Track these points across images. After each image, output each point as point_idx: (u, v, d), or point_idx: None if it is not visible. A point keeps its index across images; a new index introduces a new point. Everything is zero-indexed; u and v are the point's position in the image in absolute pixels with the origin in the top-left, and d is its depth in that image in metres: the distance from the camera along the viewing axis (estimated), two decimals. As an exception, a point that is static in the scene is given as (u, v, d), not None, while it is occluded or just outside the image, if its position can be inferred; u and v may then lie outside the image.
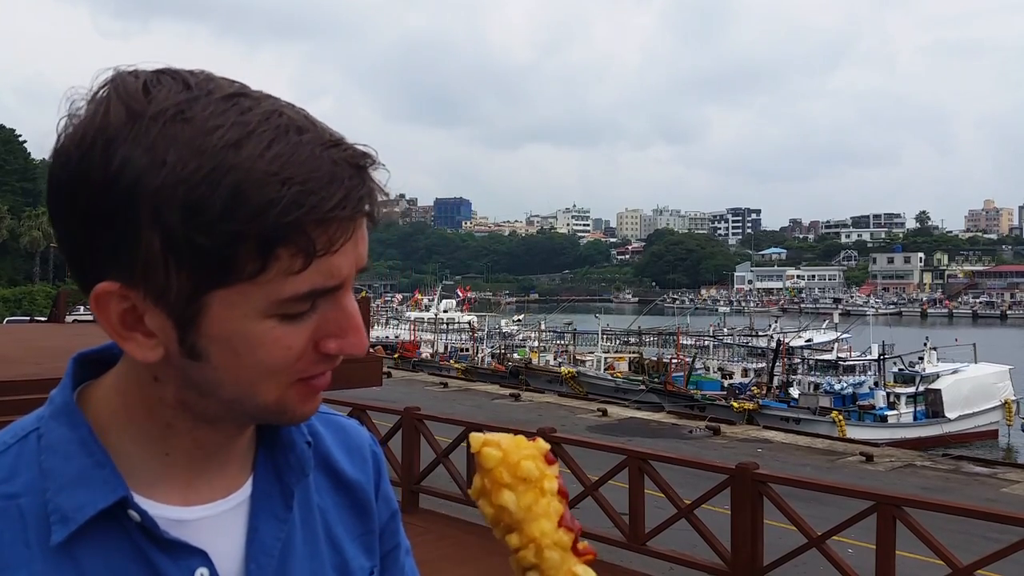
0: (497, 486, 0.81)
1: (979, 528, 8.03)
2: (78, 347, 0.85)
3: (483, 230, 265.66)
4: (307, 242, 0.68)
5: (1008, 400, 30.07)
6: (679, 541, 7.77)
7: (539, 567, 0.81)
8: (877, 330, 37.98)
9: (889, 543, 6.04)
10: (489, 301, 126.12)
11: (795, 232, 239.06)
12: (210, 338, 0.72)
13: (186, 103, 0.69)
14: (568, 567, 0.81)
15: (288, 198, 0.67)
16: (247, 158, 0.67)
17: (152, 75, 0.71)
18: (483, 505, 0.82)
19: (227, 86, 0.72)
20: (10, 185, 74.67)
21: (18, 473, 0.76)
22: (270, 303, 0.70)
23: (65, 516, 0.73)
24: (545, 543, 0.80)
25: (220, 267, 0.68)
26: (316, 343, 0.75)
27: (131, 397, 0.78)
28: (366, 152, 0.72)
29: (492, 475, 0.81)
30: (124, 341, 0.73)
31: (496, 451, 0.81)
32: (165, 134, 0.68)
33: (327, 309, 0.74)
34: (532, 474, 0.81)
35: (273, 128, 0.69)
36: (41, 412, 0.80)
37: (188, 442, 0.80)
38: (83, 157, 0.69)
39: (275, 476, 0.86)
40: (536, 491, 0.81)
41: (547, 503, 0.81)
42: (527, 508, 0.80)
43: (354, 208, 0.70)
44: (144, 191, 0.67)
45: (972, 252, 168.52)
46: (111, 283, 0.71)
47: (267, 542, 0.83)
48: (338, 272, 0.72)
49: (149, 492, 0.78)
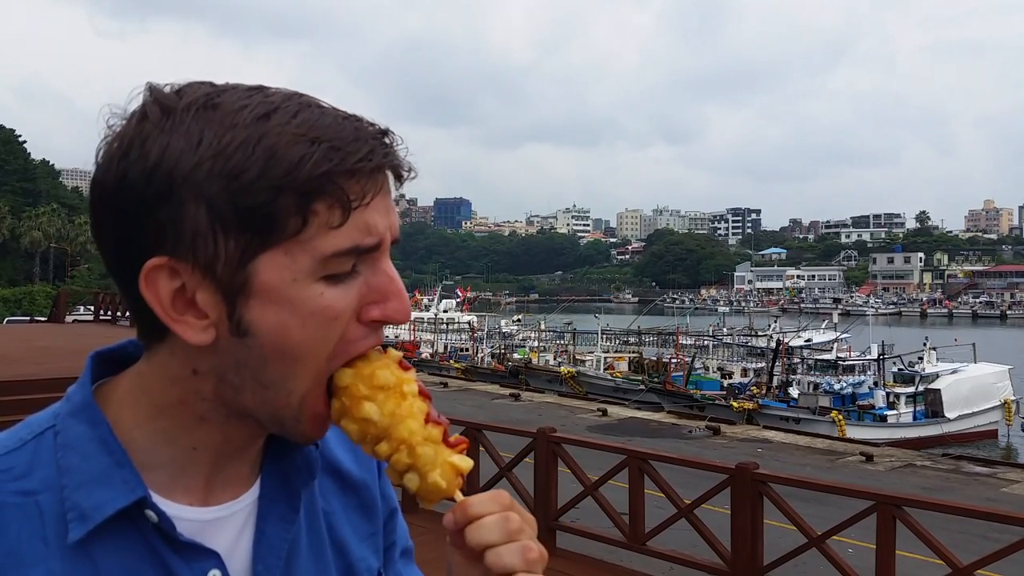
0: (356, 400, 0.78)
1: (979, 528, 8.04)
2: (78, 347, 0.86)
3: (483, 230, 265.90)
4: (341, 193, 0.73)
5: (1007, 400, 30.09)
6: (679, 541, 7.76)
7: (414, 465, 0.78)
8: (876, 330, 38.03)
9: (889, 543, 6.04)
10: (489, 301, 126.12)
11: (795, 232, 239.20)
12: (260, 308, 0.74)
13: (215, 93, 0.75)
14: (443, 458, 0.79)
15: (319, 153, 0.72)
16: (276, 124, 0.73)
17: (183, 83, 0.77)
18: (346, 424, 0.79)
19: (248, 84, 0.78)
20: (10, 185, 74.71)
21: (36, 470, 0.76)
22: (315, 261, 0.73)
23: (83, 514, 0.74)
24: (416, 440, 0.78)
25: (264, 226, 0.72)
26: (359, 313, 0.76)
27: (159, 393, 0.79)
28: (384, 127, 0.78)
29: (349, 392, 0.78)
30: (176, 323, 0.74)
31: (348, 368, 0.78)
32: (198, 118, 0.73)
33: (368, 275, 0.77)
34: (389, 381, 0.79)
35: (296, 103, 0.75)
36: (57, 409, 0.80)
37: (218, 436, 0.80)
38: (122, 158, 0.73)
39: (282, 478, 0.87)
40: (397, 396, 0.79)
41: (410, 404, 0.79)
42: (391, 414, 0.78)
43: (380, 160, 0.75)
44: (183, 171, 0.71)
45: (972, 252, 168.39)
46: (159, 257, 0.73)
47: (275, 544, 0.84)
48: (375, 229, 0.75)
49: (168, 492, 0.79)
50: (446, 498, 0.80)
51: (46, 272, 67.83)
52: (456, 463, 0.80)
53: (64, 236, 69.21)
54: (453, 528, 0.77)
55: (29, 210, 69.86)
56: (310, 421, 0.79)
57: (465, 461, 0.81)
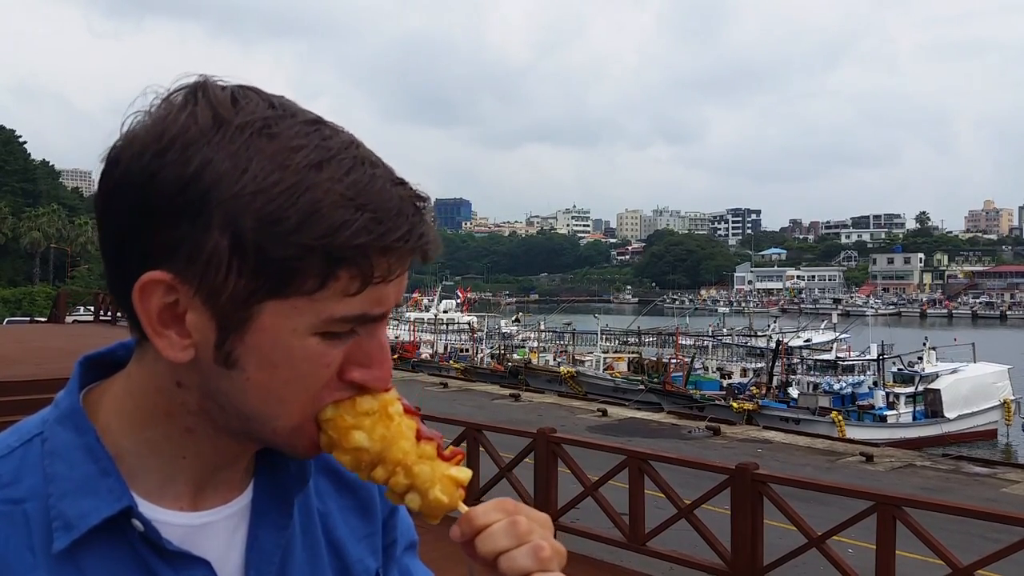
0: (343, 431, 0.77)
1: (979, 528, 8.03)
2: (78, 348, 0.85)
3: (483, 231, 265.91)
4: (368, 267, 0.72)
5: (1007, 400, 30.09)
6: (679, 541, 7.76)
7: (413, 485, 0.78)
8: (876, 330, 38.06)
9: (889, 543, 6.04)
10: (489, 302, 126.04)
11: (795, 232, 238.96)
12: (251, 347, 0.72)
13: (273, 119, 0.72)
14: (441, 473, 0.78)
15: (360, 223, 0.70)
16: (327, 179, 0.70)
17: (239, 88, 0.74)
18: (338, 456, 0.78)
19: (308, 113, 0.75)
20: (10, 185, 74.71)
21: (23, 478, 0.75)
22: (320, 321, 0.72)
23: (68, 523, 0.73)
24: (411, 460, 0.78)
25: (282, 278, 0.70)
26: (341, 369, 0.75)
27: (146, 401, 0.78)
28: (425, 195, 0.76)
29: (334, 423, 0.77)
30: (157, 337, 0.73)
31: (329, 405, 0.77)
32: (250, 144, 0.70)
33: (363, 338, 0.76)
34: (373, 406, 0.78)
35: (351, 157, 0.72)
36: (46, 415, 0.79)
37: (207, 447, 0.79)
38: (160, 153, 0.70)
39: (275, 484, 0.86)
40: (384, 419, 0.78)
41: (399, 424, 0.79)
42: (381, 438, 0.77)
43: (415, 243, 0.74)
44: (223, 194, 0.69)
45: (972, 252, 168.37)
46: (163, 272, 0.71)
47: (267, 549, 0.83)
48: (386, 301, 0.75)
49: (156, 498, 0.78)
50: (450, 512, 0.80)
51: (46, 272, 67.80)
52: (455, 475, 0.79)
53: (64, 237, 69.19)
54: (461, 540, 0.77)
55: (29, 210, 69.80)
56: (304, 449, 0.79)
57: (463, 472, 0.80)
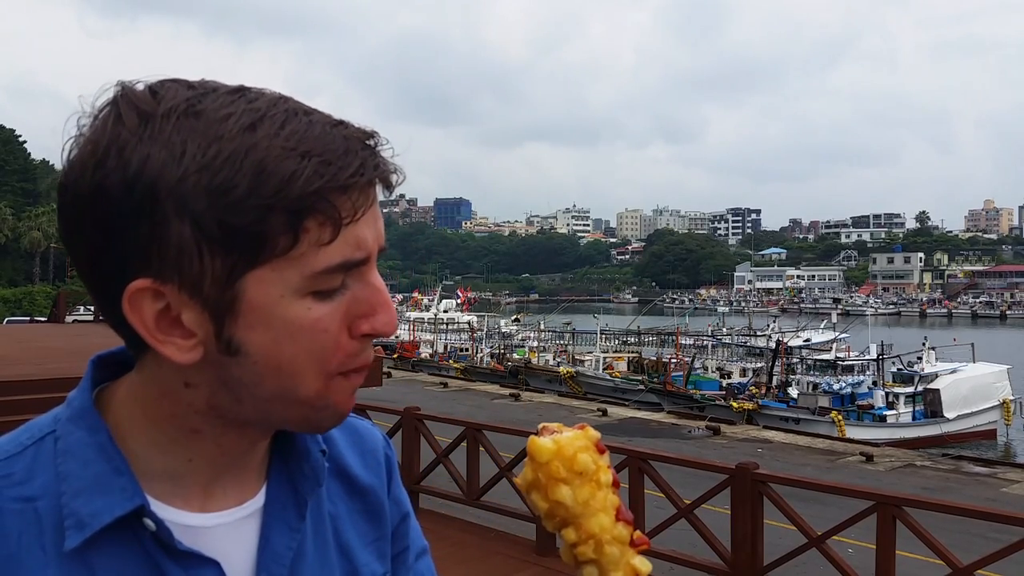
0: (553, 481, 0.78)
1: (979, 528, 8.02)
2: (78, 348, 0.85)
3: (483, 230, 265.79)
4: (333, 210, 0.70)
5: (1006, 400, 30.07)
6: (679, 541, 7.76)
7: (599, 562, 0.79)
8: (876, 330, 38.05)
9: (889, 543, 6.04)
10: (489, 301, 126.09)
11: (795, 232, 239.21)
12: (248, 326, 0.72)
13: (195, 98, 0.71)
14: (627, 560, 0.80)
15: (309, 169, 0.69)
16: (264, 137, 0.69)
17: (155, 82, 0.73)
18: (536, 499, 0.80)
19: (228, 85, 0.74)
20: (10, 185, 74.67)
21: (35, 476, 0.75)
22: (304, 278, 0.71)
23: (80, 522, 0.73)
24: (605, 539, 0.79)
25: (253, 245, 0.69)
26: (350, 327, 0.75)
27: (152, 403, 0.77)
28: (370, 130, 0.75)
29: (547, 469, 0.78)
30: (162, 345, 0.72)
31: (550, 443, 0.79)
32: (180, 127, 0.69)
33: (356, 288, 0.75)
34: (588, 468, 0.79)
35: (283, 111, 0.72)
36: (58, 413, 0.80)
37: (213, 448, 0.79)
38: (99, 166, 0.69)
39: (289, 485, 0.86)
40: (592, 485, 0.79)
41: (604, 497, 0.80)
42: (584, 503, 0.79)
43: (371, 174, 0.73)
44: (167, 184, 0.68)
45: (972, 252, 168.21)
46: (143, 280, 0.70)
47: (279, 552, 0.83)
48: (364, 243, 0.74)
49: (167, 498, 0.78)
50: None
51: (46, 272, 67.77)
52: (637, 566, 0.81)
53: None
54: None
55: (29, 210, 69.72)
56: (329, 419, 0.79)
57: (645, 565, 0.81)
